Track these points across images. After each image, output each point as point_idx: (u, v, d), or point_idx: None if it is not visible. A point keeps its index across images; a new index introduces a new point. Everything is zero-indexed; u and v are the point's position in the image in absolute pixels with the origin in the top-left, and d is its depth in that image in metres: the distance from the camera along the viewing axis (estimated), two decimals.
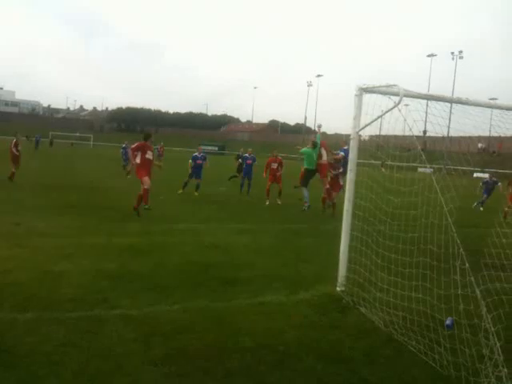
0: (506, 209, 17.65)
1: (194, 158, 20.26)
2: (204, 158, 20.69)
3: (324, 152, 16.61)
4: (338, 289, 7.45)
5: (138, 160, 13.64)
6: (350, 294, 7.10)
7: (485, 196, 22.55)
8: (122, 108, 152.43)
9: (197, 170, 20.22)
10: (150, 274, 7.82)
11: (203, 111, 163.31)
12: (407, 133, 6.40)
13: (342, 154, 16.21)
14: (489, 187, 22.90)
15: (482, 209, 21.49)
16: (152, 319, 5.96)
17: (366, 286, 6.87)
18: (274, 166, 19.76)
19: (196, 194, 19.68)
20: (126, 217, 13.06)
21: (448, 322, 5.93)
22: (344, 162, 15.46)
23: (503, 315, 5.06)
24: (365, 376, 4.95)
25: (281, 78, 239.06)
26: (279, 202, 18.73)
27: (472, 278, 5.02)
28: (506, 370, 4.56)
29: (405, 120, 6.12)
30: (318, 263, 9.12)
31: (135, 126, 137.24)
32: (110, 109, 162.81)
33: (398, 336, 5.84)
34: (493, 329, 4.71)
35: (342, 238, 7.49)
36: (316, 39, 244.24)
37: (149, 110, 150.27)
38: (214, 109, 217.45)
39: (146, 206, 13.46)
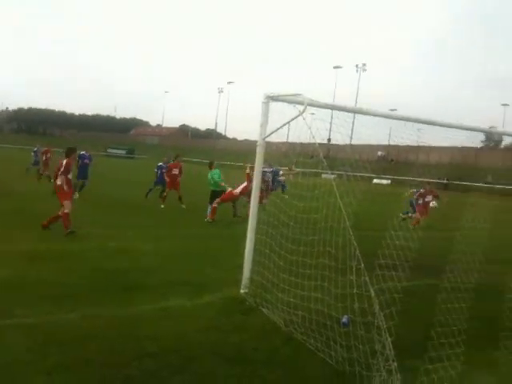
0: (414, 217, 17.63)
1: (81, 157, 20.19)
2: (90, 159, 20.80)
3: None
4: (242, 291, 7.55)
5: (60, 182, 11.61)
6: (253, 296, 7.22)
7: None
8: (23, 108, 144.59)
9: (82, 170, 20.10)
10: (50, 282, 7.51)
11: (112, 114, 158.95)
12: (312, 140, 6.65)
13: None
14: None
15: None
16: (49, 328, 5.72)
17: (269, 288, 7.02)
18: (176, 171, 19.46)
19: (77, 195, 18.00)
20: (30, 221, 12.40)
21: (344, 320, 6.20)
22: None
23: (395, 313, 5.36)
24: (265, 375, 5.06)
25: (192, 83, 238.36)
26: (183, 207, 18.61)
27: (367, 278, 5.29)
28: (395, 363, 4.84)
29: (309, 128, 6.35)
30: (224, 266, 9.19)
31: (37, 128, 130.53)
32: (10, 108, 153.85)
33: (297, 335, 6.02)
34: (385, 326, 4.99)
35: (247, 241, 7.61)
36: (230, 45, 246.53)
37: (53, 111, 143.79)
38: (123, 112, 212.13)
39: (69, 231, 11.40)
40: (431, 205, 18.77)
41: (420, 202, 18.31)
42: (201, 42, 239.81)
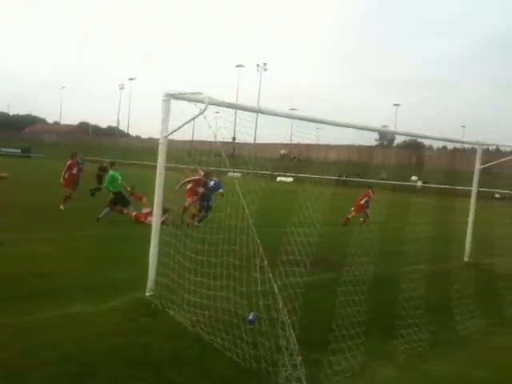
0: (350, 216, 18.77)
1: None
2: None
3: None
4: (147, 294, 7.40)
5: None
6: (159, 298, 7.10)
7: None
8: None
9: None
10: None
11: (4, 111, 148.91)
12: (217, 139, 6.65)
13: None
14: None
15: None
16: None
17: (175, 289, 6.94)
18: (75, 170, 18.49)
19: None
20: None
21: (250, 317, 6.28)
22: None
23: (297, 307, 5.52)
24: (172, 377, 5.00)
25: (92, 79, 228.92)
26: (62, 208, 17.60)
27: (270, 275, 5.38)
28: (300, 357, 4.97)
29: (210, 127, 6.34)
30: (130, 269, 8.94)
31: None
32: None
33: (204, 335, 6.00)
34: (289, 321, 5.12)
35: (152, 242, 7.46)
36: (131, 41, 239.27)
37: None
38: (17, 109, 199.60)
39: None
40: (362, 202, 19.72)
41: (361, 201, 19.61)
42: (101, 36, 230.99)
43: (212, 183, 15.78)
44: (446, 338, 6.71)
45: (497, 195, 37.04)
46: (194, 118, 6.57)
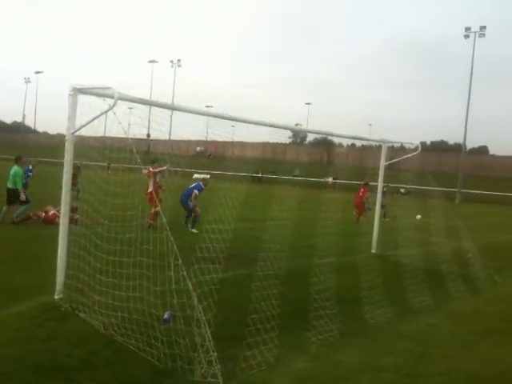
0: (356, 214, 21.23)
1: None
2: None
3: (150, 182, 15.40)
4: (56, 297, 7.10)
5: None
6: (69, 301, 6.83)
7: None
8: None
9: None
10: None
11: None
12: (131, 136, 6.50)
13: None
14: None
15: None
16: None
17: (86, 291, 6.70)
18: None
19: None
20: None
21: (166, 316, 6.20)
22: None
23: (212, 304, 5.53)
24: (83, 382, 4.83)
25: None
26: None
27: (185, 273, 5.34)
28: (215, 354, 4.98)
29: (119, 123, 6.18)
30: (37, 272, 8.51)
31: None
32: None
33: (118, 337, 5.85)
34: (204, 318, 5.10)
35: (60, 243, 7.15)
36: (38, 32, 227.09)
37: None
38: None
39: None
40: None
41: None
42: (4, 27, 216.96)
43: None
44: (355, 327, 6.99)
45: (402, 190, 39.15)
46: (102, 114, 6.37)
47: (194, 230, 13.91)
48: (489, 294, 9.79)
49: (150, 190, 14.51)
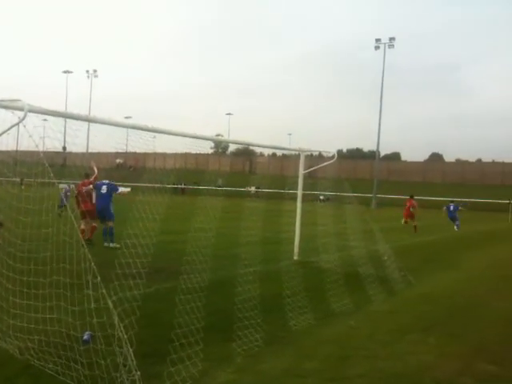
0: (414, 223, 25.97)
1: None
2: None
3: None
4: None
5: None
6: None
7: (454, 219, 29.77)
8: None
9: None
10: None
11: None
12: (45, 149, 6.24)
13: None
14: (451, 212, 29.95)
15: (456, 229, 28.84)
16: None
17: None
18: None
19: None
20: None
21: (85, 337, 5.98)
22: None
23: (134, 321, 5.39)
24: None
25: None
26: None
27: (104, 291, 5.17)
28: (139, 372, 4.85)
29: (30, 136, 5.90)
30: None
31: None
32: None
33: (35, 362, 5.57)
34: (125, 336, 4.96)
35: None
36: None
37: None
38: None
39: None
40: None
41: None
42: None
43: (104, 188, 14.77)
44: (279, 334, 7.08)
45: (321, 197, 40.23)
46: (11, 127, 6.06)
47: (115, 245, 13.36)
48: (404, 295, 10.26)
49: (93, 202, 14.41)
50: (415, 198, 29.05)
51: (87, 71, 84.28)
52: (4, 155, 7.61)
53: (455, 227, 29.09)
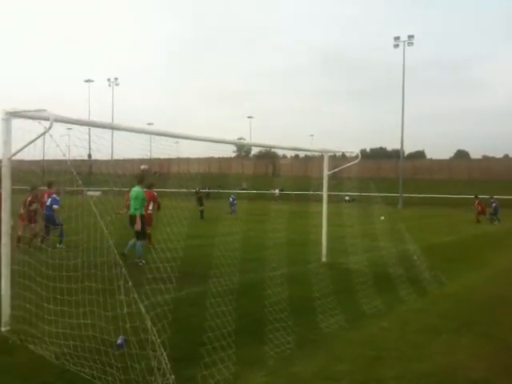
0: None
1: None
2: None
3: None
4: (3, 329, 6.78)
5: None
6: (16, 333, 6.53)
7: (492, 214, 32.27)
8: None
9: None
10: None
11: None
12: (70, 157, 6.33)
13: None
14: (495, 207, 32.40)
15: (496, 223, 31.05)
16: None
17: (34, 322, 6.44)
18: None
19: None
20: None
21: (119, 341, 6.04)
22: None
23: (167, 325, 5.43)
24: None
25: None
26: None
27: (135, 295, 5.22)
28: (173, 376, 4.88)
29: (57, 145, 6.01)
30: None
31: None
32: None
33: (70, 366, 5.64)
34: (158, 340, 5.00)
35: (2, 273, 6.85)
36: None
37: None
38: None
39: None
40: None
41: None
42: None
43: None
44: (311, 337, 7.03)
45: (346, 197, 40.03)
46: (38, 137, 6.18)
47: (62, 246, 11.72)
48: (435, 294, 10.10)
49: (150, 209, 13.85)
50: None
51: (108, 79, 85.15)
52: (31, 164, 7.75)
53: (496, 222, 31.48)
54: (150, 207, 13.69)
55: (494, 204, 32.79)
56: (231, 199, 33.41)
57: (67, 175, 6.86)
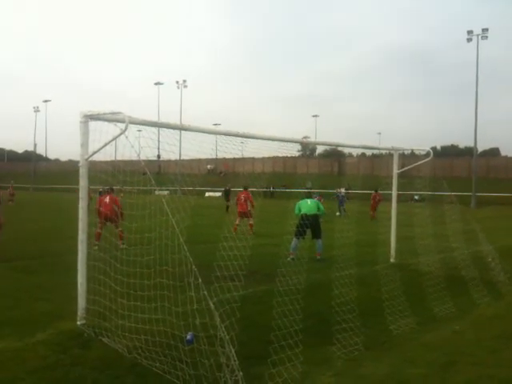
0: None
1: None
2: None
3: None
4: (78, 323, 7.10)
5: None
6: (91, 327, 6.83)
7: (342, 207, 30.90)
8: None
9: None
10: None
11: None
12: (140, 158, 6.53)
13: None
14: (340, 199, 31.37)
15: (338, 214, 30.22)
16: None
17: (108, 315, 6.70)
18: None
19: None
20: None
21: (188, 337, 6.17)
22: None
23: (235, 322, 5.49)
24: None
25: (4, 103, 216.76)
26: None
27: (205, 292, 5.32)
28: (241, 373, 4.93)
29: (132, 146, 6.22)
30: (56, 299, 8.52)
31: None
32: None
33: (142, 360, 5.82)
34: (227, 337, 5.06)
35: (79, 269, 7.17)
36: (47, 61, 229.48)
37: None
38: None
39: None
40: None
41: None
42: (7, 58, 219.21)
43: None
44: (380, 339, 6.89)
45: (416, 197, 38.94)
46: (115, 139, 6.42)
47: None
48: (511, 298, 9.63)
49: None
50: None
51: (177, 82, 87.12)
52: (107, 165, 8.05)
53: None
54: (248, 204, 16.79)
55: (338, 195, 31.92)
56: (339, 196, 32.52)
57: (139, 175, 7.11)
